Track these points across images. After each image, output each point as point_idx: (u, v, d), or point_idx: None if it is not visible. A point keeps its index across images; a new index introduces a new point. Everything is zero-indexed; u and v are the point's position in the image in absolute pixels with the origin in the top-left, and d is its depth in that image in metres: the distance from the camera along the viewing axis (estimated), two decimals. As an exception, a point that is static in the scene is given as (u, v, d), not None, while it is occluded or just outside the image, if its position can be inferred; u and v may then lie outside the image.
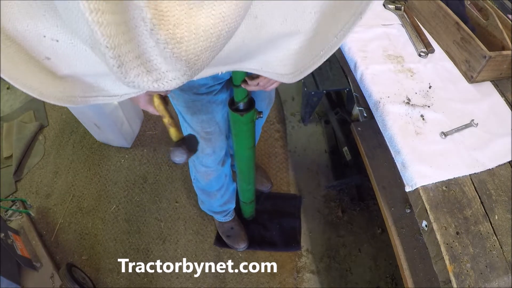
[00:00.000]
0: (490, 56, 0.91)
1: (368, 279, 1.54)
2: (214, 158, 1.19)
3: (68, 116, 2.18)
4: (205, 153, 1.16)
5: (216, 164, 1.23)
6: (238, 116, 0.96)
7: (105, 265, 1.62)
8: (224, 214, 1.56)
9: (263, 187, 1.79)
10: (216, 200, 1.43)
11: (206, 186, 1.35)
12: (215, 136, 1.10)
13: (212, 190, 1.37)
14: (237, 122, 0.99)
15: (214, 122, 1.05)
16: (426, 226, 0.76)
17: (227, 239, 1.62)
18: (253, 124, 1.02)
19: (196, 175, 1.34)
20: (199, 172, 1.29)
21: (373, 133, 1.20)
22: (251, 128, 1.03)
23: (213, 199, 1.42)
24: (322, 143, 2.01)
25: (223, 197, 1.43)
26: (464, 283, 0.67)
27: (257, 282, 1.55)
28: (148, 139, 2.08)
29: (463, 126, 0.89)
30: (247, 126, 1.01)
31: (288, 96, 2.24)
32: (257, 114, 0.99)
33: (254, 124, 1.02)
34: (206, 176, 1.29)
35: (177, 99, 0.98)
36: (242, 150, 1.13)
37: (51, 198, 1.87)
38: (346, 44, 1.11)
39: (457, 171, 0.81)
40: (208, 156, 1.18)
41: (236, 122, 1.00)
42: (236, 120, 0.99)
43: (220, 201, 1.46)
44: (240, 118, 0.96)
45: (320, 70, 1.89)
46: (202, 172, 1.28)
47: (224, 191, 1.40)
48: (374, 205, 1.74)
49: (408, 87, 0.98)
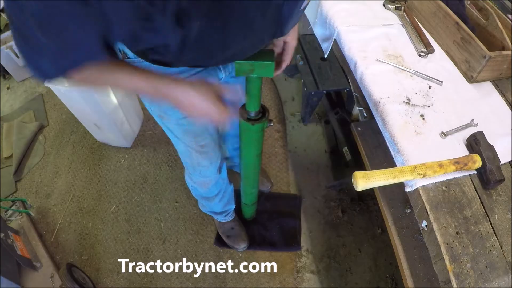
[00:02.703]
0: (490, 56, 0.91)
1: (368, 279, 1.54)
2: (211, 168, 1.19)
3: (68, 116, 2.18)
4: (202, 165, 1.15)
5: (214, 174, 1.23)
6: (249, 125, 0.93)
7: (105, 265, 1.62)
8: (224, 215, 1.56)
9: (264, 187, 1.79)
10: (216, 203, 1.43)
11: (205, 193, 1.35)
12: (210, 148, 1.09)
13: (211, 195, 1.37)
14: (248, 130, 0.97)
15: (208, 134, 1.04)
16: (426, 226, 0.76)
17: (227, 239, 1.62)
18: (263, 133, 1.00)
19: (193, 185, 1.33)
20: (196, 182, 1.28)
21: (373, 133, 1.20)
22: (261, 136, 1.01)
23: (213, 202, 1.42)
24: (322, 143, 2.01)
25: (222, 200, 1.43)
26: (464, 283, 0.67)
27: (257, 282, 1.55)
28: (148, 139, 2.07)
29: (463, 126, 0.89)
30: (258, 135, 0.99)
31: (288, 96, 2.24)
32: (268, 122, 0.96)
33: (263, 133, 1.00)
34: (204, 185, 1.29)
35: (167, 118, 0.95)
36: (249, 157, 1.11)
37: (51, 198, 1.87)
38: (346, 44, 1.11)
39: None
40: (205, 168, 1.17)
41: (246, 131, 0.98)
42: (246, 129, 0.96)
43: (220, 204, 1.46)
44: (251, 127, 0.93)
45: (320, 70, 1.89)
46: (200, 182, 1.27)
47: (223, 194, 1.40)
48: (374, 205, 1.74)
49: (408, 87, 0.98)
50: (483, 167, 0.78)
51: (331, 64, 1.91)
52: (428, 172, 0.76)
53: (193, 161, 1.14)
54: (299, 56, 1.98)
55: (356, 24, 1.16)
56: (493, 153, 0.79)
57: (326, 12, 1.22)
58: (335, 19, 1.17)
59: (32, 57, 0.55)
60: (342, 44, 1.13)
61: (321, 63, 1.92)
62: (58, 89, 1.64)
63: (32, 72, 0.56)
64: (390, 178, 0.75)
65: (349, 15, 1.18)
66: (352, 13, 1.19)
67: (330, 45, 1.22)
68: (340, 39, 1.14)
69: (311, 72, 1.90)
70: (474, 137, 0.82)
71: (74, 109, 1.85)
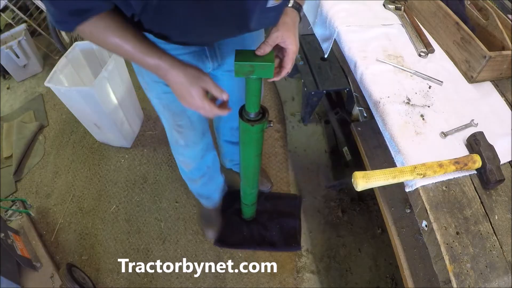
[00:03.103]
0: (490, 56, 0.91)
1: (368, 279, 1.54)
2: (188, 151, 1.23)
3: (68, 116, 2.18)
4: (179, 144, 1.20)
5: (193, 157, 1.27)
6: (248, 126, 0.93)
7: (105, 265, 1.62)
8: (207, 200, 1.61)
9: (263, 187, 1.79)
10: (199, 186, 1.46)
11: (189, 173, 1.38)
12: (186, 130, 1.13)
13: (194, 178, 1.41)
14: (247, 131, 0.97)
15: (185, 116, 1.06)
16: (426, 226, 0.76)
17: (202, 221, 1.70)
18: (262, 134, 1.00)
19: (178, 163, 1.39)
20: (178, 160, 1.34)
21: (373, 133, 1.20)
22: (261, 137, 1.01)
23: (196, 184, 1.45)
24: (322, 143, 2.01)
25: (206, 185, 1.46)
26: (464, 283, 0.67)
27: (257, 282, 1.55)
28: (148, 139, 2.08)
29: (463, 126, 0.89)
30: (257, 136, 0.99)
31: (288, 96, 2.24)
32: (267, 122, 0.96)
33: (263, 134, 1.00)
34: (185, 165, 1.33)
35: (150, 91, 1.00)
36: (249, 157, 1.12)
37: (51, 198, 1.87)
38: (346, 44, 1.11)
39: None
40: (182, 148, 1.22)
41: (246, 132, 0.98)
42: (246, 130, 0.96)
43: (204, 188, 1.50)
44: (250, 128, 0.94)
45: (320, 70, 1.89)
46: (181, 161, 1.32)
47: (207, 180, 1.44)
48: (374, 205, 1.74)
49: (408, 87, 0.98)
50: (483, 167, 0.78)
51: (331, 64, 1.91)
52: (428, 172, 0.76)
53: (171, 137, 1.21)
54: (299, 56, 1.98)
55: (356, 24, 1.16)
56: (493, 153, 0.79)
57: (326, 12, 1.22)
58: (335, 19, 1.17)
59: (49, 8, 0.66)
60: (342, 44, 1.13)
61: (321, 63, 1.92)
62: (58, 89, 1.64)
63: (52, 21, 0.68)
64: (390, 178, 0.75)
65: (349, 15, 1.18)
66: (352, 13, 1.19)
67: (330, 45, 1.22)
68: (340, 39, 1.14)
69: (311, 72, 1.90)
70: (474, 137, 0.82)
71: (74, 109, 1.85)
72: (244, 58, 0.76)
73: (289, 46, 0.78)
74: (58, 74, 1.71)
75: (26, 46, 2.39)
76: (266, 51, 0.75)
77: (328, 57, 1.67)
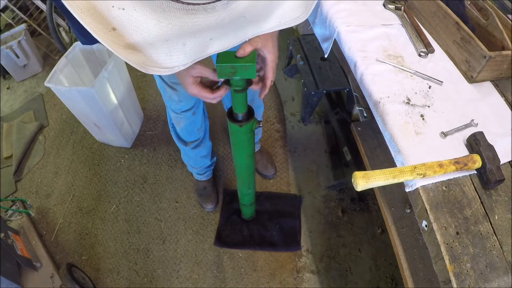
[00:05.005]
0: (490, 56, 0.91)
1: (368, 279, 1.54)
2: (181, 106, 1.28)
3: (68, 116, 2.18)
4: (172, 99, 1.25)
5: (185, 112, 1.31)
6: (236, 127, 0.95)
7: (105, 265, 1.63)
8: (200, 172, 1.68)
9: (267, 172, 1.81)
10: (190, 149, 1.51)
11: (180, 133, 1.45)
12: (180, 87, 1.17)
13: (186, 140, 1.46)
14: (236, 132, 0.98)
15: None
16: (426, 226, 0.76)
17: (199, 197, 1.78)
18: (252, 134, 1.01)
19: (172, 125, 1.44)
20: (172, 118, 1.39)
21: (373, 133, 1.20)
22: (251, 137, 1.02)
23: (187, 147, 1.50)
24: (322, 143, 2.01)
25: (196, 149, 1.51)
26: (464, 283, 0.67)
27: (257, 282, 1.55)
28: (148, 139, 2.08)
29: (463, 126, 0.89)
30: (246, 136, 1.00)
31: (288, 96, 2.24)
32: (256, 123, 0.98)
33: (253, 134, 1.01)
34: (177, 124, 1.40)
35: None
36: (241, 158, 1.12)
37: (51, 198, 1.87)
38: (346, 44, 1.10)
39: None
40: (175, 103, 1.27)
41: (235, 133, 0.99)
42: (235, 131, 0.98)
43: (194, 153, 1.55)
44: (239, 128, 0.95)
45: (320, 70, 1.89)
46: (174, 118, 1.37)
47: (197, 144, 1.49)
48: (374, 205, 1.74)
49: (408, 87, 0.97)
50: (483, 167, 0.78)
51: (331, 64, 1.91)
52: (428, 172, 0.76)
53: (165, 94, 1.26)
54: (299, 56, 1.98)
55: (356, 24, 1.16)
56: (493, 153, 0.79)
57: (326, 12, 1.22)
58: (335, 19, 1.17)
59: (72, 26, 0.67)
60: (342, 44, 1.12)
61: (321, 63, 1.92)
62: (58, 89, 1.64)
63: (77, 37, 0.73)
64: (390, 178, 0.75)
65: (349, 15, 1.18)
66: (352, 13, 1.19)
67: (330, 45, 1.22)
68: (340, 39, 1.14)
69: (311, 72, 1.90)
70: (474, 137, 0.82)
71: (74, 109, 1.85)
72: (225, 59, 0.75)
73: (267, 55, 0.78)
74: (58, 74, 1.71)
75: (26, 46, 2.39)
76: (247, 51, 0.75)
77: (328, 57, 1.67)
